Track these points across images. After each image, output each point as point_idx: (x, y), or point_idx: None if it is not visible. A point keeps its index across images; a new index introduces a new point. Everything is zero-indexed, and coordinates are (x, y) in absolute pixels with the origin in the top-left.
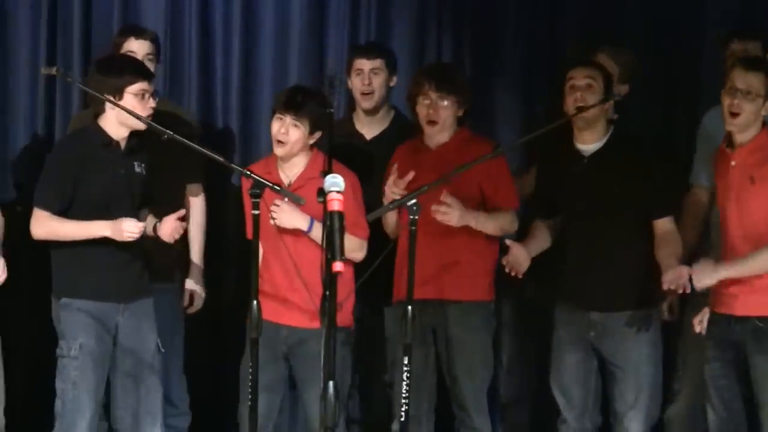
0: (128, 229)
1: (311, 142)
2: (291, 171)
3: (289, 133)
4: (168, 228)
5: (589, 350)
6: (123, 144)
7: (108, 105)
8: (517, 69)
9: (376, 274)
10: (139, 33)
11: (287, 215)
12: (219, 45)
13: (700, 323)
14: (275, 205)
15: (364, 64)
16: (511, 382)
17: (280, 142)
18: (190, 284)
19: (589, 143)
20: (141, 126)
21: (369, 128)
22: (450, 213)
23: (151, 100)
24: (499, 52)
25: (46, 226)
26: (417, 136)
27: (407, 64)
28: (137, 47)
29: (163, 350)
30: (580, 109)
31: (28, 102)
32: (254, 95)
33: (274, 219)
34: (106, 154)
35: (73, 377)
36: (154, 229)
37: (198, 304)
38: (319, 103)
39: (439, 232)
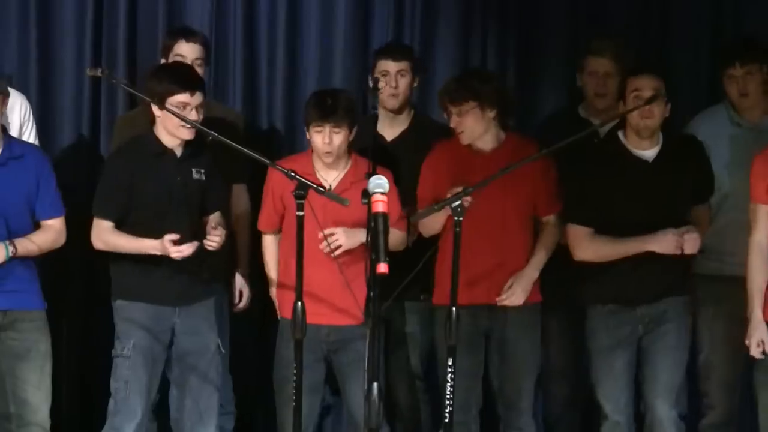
0: (175, 253)
1: (351, 139)
2: (330, 175)
3: (332, 141)
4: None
5: (634, 348)
6: (179, 151)
7: (156, 114)
8: (561, 72)
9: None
10: (190, 35)
11: (348, 239)
12: (264, 46)
13: (759, 345)
14: (331, 235)
15: (390, 65)
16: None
17: (327, 151)
18: (238, 283)
19: (648, 149)
20: (186, 135)
21: (390, 129)
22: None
23: (193, 112)
24: (543, 54)
25: (103, 238)
26: (454, 137)
27: (451, 66)
28: (187, 50)
29: (223, 351)
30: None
31: (72, 103)
32: (299, 96)
33: (331, 248)
34: (160, 163)
35: (125, 377)
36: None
37: (244, 303)
38: (348, 102)
39: (487, 235)
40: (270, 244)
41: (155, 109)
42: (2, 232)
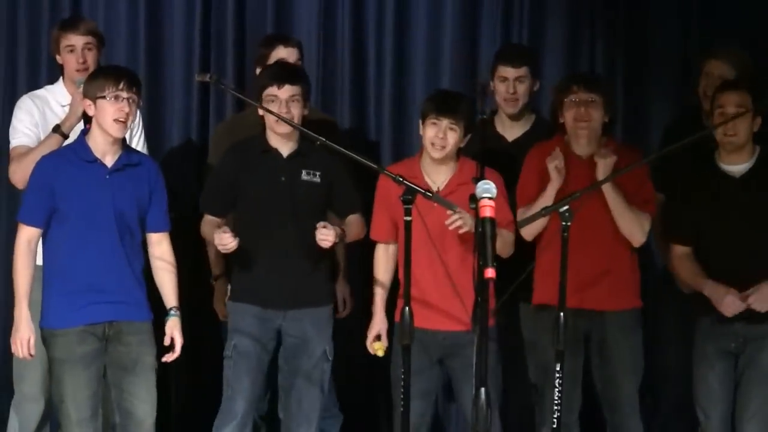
0: (220, 245)
1: (462, 145)
2: (439, 177)
3: (446, 136)
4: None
5: (731, 363)
6: (285, 151)
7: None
8: (670, 74)
9: None
10: (287, 41)
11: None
12: (371, 52)
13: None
14: (458, 213)
15: (509, 72)
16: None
17: (439, 146)
18: (340, 290)
19: (738, 163)
20: (281, 129)
21: (510, 131)
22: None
23: (283, 106)
24: (652, 57)
25: (206, 232)
26: (555, 138)
27: (560, 70)
28: (286, 55)
29: (331, 358)
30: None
31: (181, 109)
32: (406, 102)
33: (460, 225)
34: (265, 162)
35: (227, 377)
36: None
37: (347, 309)
38: (468, 106)
39: (588, 240)
40: (382, 254)
41: (259, 108)
42: (126, 239)
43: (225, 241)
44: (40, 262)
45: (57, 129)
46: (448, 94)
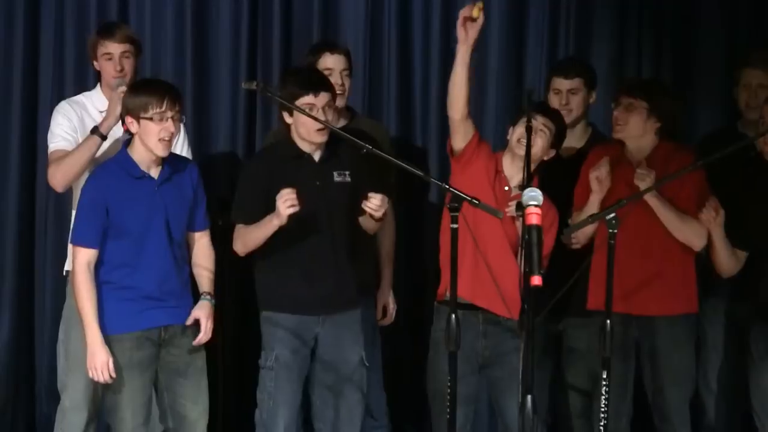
0: (282, 204)
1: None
2: (519, 175)
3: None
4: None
5: None
6: (317, 156)
7: (288, 120)
8: (719, 82)
9: None
10: (334, 47)
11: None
12: (418, 59)
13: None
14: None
15: (563, 83)
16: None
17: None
18: (383, 297)
19: None
20: (317, 138)
21: (565, 146)
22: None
23: (321, 113)
24: (700, 66)
25: (239, 239)
26: (615, 141)
27: (607, 79)
28: (333, 62)
29: (367, 364)
30: None
31: (228, 117)
32: None
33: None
34: (297, 166)
35: (268, 388)
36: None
37: (390, 317)
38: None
39: (638, 246)
40: None
41: (286, 116)
42: (175, 247)
43: (289, 196)
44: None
45: (95, 130)
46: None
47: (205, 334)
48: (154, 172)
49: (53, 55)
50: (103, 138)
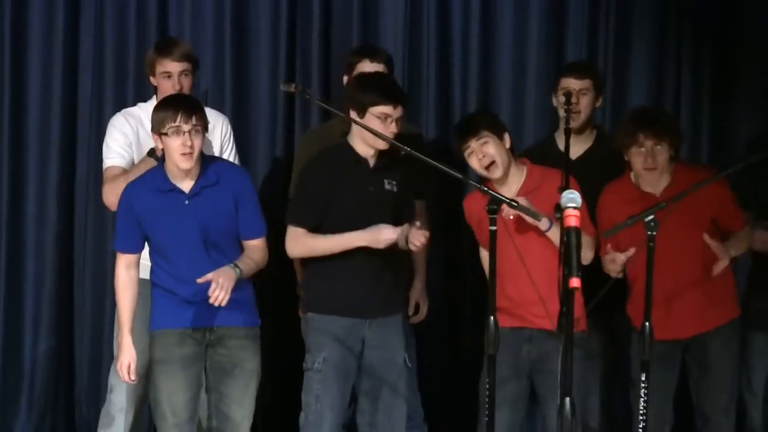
0: (387, 236)
1: (508, 147)
2: (508, 190)
3: (485, 153)
4: (414, 237)
5: None
6: (372, 162)
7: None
8: (760, 87)
9: None
10: (374, 55)
11: (531, 210)
12: (457, 63)
13: None
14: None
15: (573, 83)
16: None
17: (486, 163)
18: (415, 295)
19: None
20: (382, 145)
21: (573, 148)
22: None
23: (393, 125)
24: (740, 68)
25: (302, 244)
26: (625, 176)
27: (646, 79)
28: (371, 69)
29: (410, 365)
30: None
31: (267, 119)
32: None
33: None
34: (355, 172)
35: (316, 390)
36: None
37: (422, 314)
38: (483, 114)
39: (670, 267)
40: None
41: (354, 116)
42: (213, 254)
43: (392, 235)
44: (144, 275)
45: (152, 153)
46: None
47: (213, 294)
48: (187, 185)
49: (92, 62)
50: (159, 161)
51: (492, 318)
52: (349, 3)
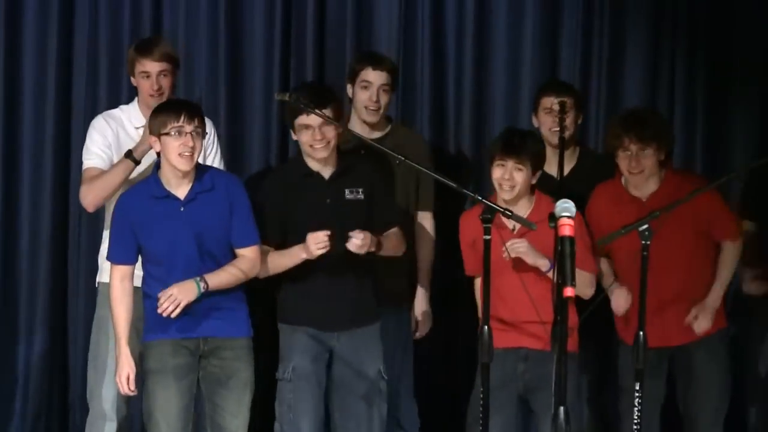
0: (314, 244)
1: (533, 182)
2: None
3: (513, 177)
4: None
5: None
6: (327, 173)
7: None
8: (754, 91)
9: None
10: (377, 63)
11: (531, 251)
12: (451, 70)
13: None
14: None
15: (554, 102)
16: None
17: (507, 186)
18: (417, 309)
19: None
20: (322, 155)
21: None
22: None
23: (317, 132)
24: (734, 73)
25: (264, 261)
26: (616, 177)
27: (640, 80)
28: (373, 77)
29: (386, 377)
30: None
31: (261, 128)
32: (486, 122)
33: (508, 253)
34: (308, 186)
35: (287, 400)
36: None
37: (423, 329)
38: (535, 142)
39: (664, 271)
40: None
41: (293, 133)
42: (207, 261)
43: (322, 239)
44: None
45: (129, 155)
46: (513, 133)
47: (166, 301)
48: (182, 192)
49: (86, 62)
50: (137, 163)
51: (486, 327)
52: (343, 3)
